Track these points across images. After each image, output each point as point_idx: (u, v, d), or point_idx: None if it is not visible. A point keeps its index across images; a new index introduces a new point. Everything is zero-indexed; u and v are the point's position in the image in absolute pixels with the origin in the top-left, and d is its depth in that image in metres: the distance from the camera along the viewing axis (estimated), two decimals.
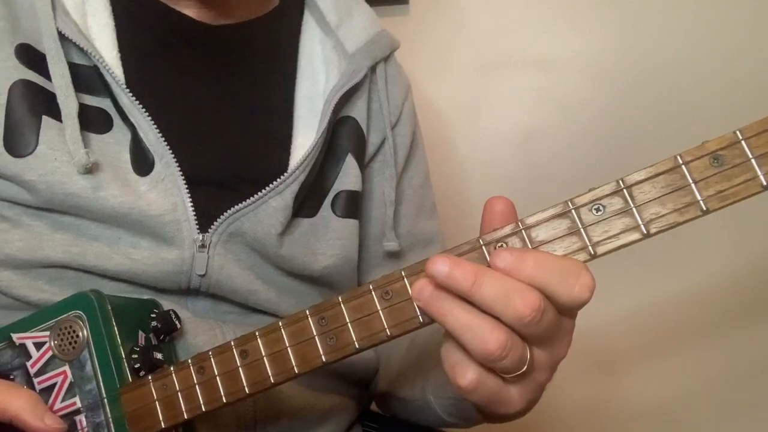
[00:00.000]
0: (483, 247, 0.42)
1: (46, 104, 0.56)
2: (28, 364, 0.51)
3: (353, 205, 0.68)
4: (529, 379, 0.44)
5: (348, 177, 0.68)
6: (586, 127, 1.18)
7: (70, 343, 0.50)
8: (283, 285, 0.65)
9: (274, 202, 0.61)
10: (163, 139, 0.58)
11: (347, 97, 0.68)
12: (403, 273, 0.44)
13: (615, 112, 1.17)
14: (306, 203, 0.65)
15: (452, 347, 0.43)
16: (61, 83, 0.56)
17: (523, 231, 0.42)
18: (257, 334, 0.46)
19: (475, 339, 0.40)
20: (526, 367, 0.42)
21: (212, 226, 0.59)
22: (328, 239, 0.66)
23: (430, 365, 0.67)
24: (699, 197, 0.39)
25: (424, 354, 0.69)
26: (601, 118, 1.17)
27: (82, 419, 0.49)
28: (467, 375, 0.42)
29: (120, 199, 0.56)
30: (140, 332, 0.53)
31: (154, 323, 0.54)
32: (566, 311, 0.41)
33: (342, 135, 0.69)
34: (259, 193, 0.61)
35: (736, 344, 1.16)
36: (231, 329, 0.60)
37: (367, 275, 0.74)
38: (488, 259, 0.41)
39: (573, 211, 0.41)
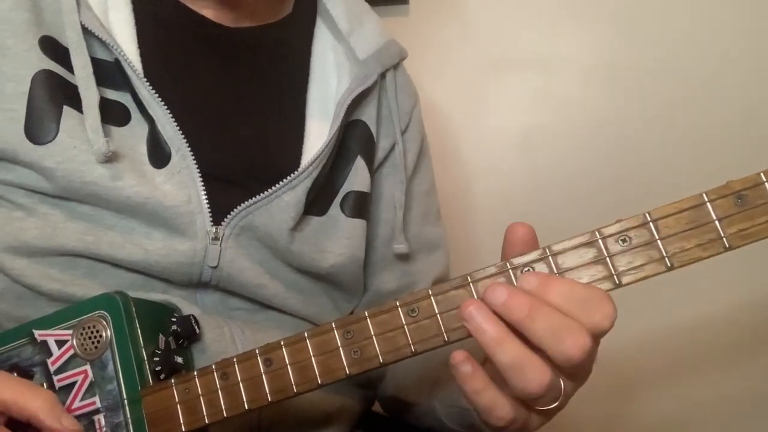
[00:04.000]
0: (510, 270, 0.44)
1: (68, 95, 0.57)
2: (49, 361, 0.52)
3: (362, 206, 0.70)
4: (558, 407, 0.45)
5: (357, 178, 0.70)
6: (587, 127, 1.19)
7: (92, 343, 0.51)
8: (292, 281, 0.66)
9: (286, 197, 0.63)
10: (180, 132, 0.60)
11: (358, 100, 0.70)
12: (429, 292, 0.45)
13: (616, 112, 1.19)
14: (316, 202, 0.67)
15: (486, 385, 0.43)
16: (82, 74, 0.57)
17: (550, 257, 0.43)
18: (282, 343, 0.47)
19: (521, 377, 0.41)
20: (559, 403, 0.43)
21: (225, 219, 0.61)
22: (336, 238, 0.67)
23: (438, 371, 0.68)
24: (722, 234, 0.40)
25: (432, 359, 0.71)
26: (602, 119, 1.19)
27: (101, 419, 0.50)
28: (504, 414, 0.43)
29: (136, 189, 0.57)
30: (161, 335, 0.53)
31: (174, 327, 0.54)
32: None
33: (352, 137, 0.71)
34: (273, 188, 0.63)
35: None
36: (238, 327, 0.61)
37: (374, 277, 0.75)
38: (515, 282, 0.43)
39: (600, 240, 0.42)
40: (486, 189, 1.20)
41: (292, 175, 0.63)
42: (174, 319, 0.55)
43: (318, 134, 0.68)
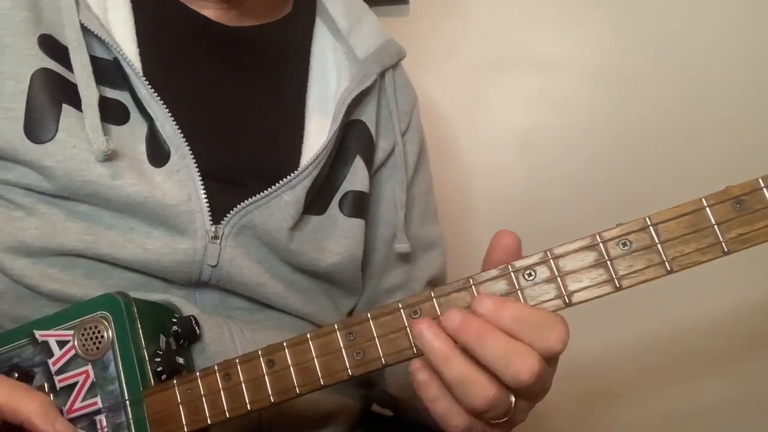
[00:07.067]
0: (512, 273, 0.44)
1: (67, 94, 0.58)
2: (50, 361, 0.52)
3: (360, 206, 0.70)
4: (510, 421, 0.46)
5: (356, 178, 0.70)
6: (586, 127, 1.19)
7: (94, 343, 0.51)
8: (291, 280, 0.66)
9: (286, 196, 0.63)
10: (179, 130, 0.60)
11: (358, 100, 0.70)
12: (432, 294, 0.45)
13: (616, 112, 1.18)
14: (315, 201, 0.67)
15: (441, 393, 0.45)
16: (82, 73, 0.57)
17: (551, 260, 0.43)
18: (285, 344, 0.47)
19: (466, 394, 0.43)
20: (508, 417, 0.44)
21: (225, 218, 0.61)
22: (335, 237, 0.68)
23: None
24: (721, 239, 0.41)
25: None
26: (601, 119, 1.19)
27: (102, 419, 0.50)
28: (458, 423, 0.44)
29: (136, 188, 0.57)
30: (162, 336, 0.54)
31: (175, 328, 0.54)
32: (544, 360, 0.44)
33: (352, 137, 0.71)
34: (273, 187, 0.63)
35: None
36: (238, 326, 0.61)
37: (375, 277, 0.76)
38: (516, 285, 0.44)
39: (601, 244, 0.43)
40: (485, 189, 1.20)
41: (291, 174, 0.64)
42: (175, 320, 0.55)
43: (317, 134, 0.69)
